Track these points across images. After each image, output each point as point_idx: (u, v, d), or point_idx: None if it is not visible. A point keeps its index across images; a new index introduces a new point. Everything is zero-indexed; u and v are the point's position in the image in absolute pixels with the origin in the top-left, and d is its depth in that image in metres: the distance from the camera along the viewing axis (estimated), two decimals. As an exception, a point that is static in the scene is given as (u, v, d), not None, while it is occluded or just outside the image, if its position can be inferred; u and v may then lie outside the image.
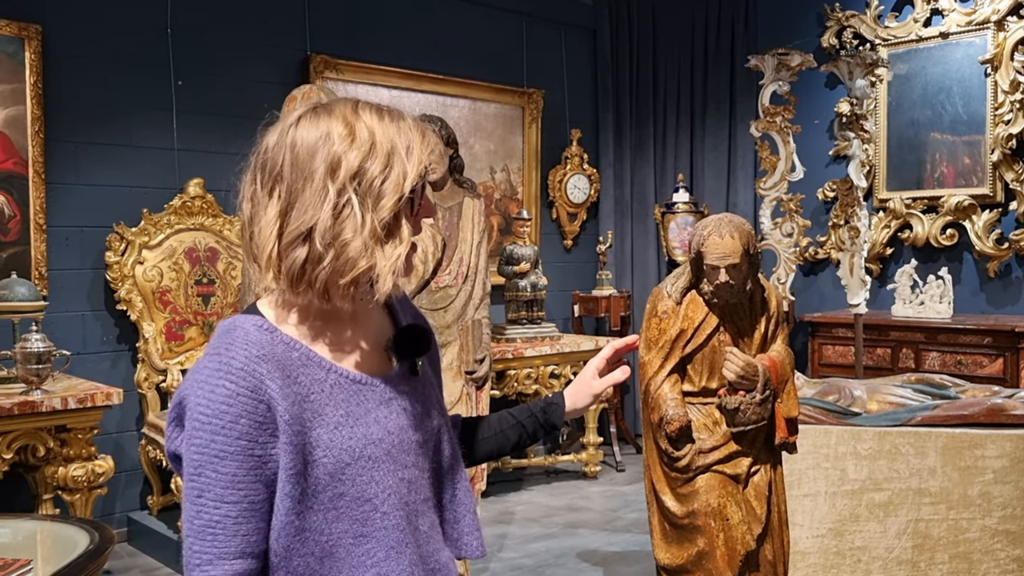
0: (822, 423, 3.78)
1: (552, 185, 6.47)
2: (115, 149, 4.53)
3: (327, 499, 1.20)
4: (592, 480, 5.64)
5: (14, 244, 4.23)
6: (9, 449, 3.57)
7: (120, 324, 4.53)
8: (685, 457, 1.69)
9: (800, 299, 6.02)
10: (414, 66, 5.62)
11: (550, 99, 6.37)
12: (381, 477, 1.23)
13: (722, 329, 1.72)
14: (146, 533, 4.39)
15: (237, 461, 1.16)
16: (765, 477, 1.76)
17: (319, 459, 1.19)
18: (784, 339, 1.87)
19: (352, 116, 1.22)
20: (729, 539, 1.69)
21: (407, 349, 1.31)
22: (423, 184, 1.26)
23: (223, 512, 1.16)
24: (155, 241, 4.55)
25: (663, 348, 1.69)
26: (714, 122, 6.42)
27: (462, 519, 1.39)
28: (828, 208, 5.89)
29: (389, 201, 1.20)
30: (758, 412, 1.68)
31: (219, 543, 1.16)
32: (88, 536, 2.12)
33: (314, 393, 1.21)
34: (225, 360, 1.17)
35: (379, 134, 1.21)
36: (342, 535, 1.21)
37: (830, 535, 3.74)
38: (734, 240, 1.69)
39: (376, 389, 1.27)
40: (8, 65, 4.20)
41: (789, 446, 1.76)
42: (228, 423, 1.15)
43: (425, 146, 1.24)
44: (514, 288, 5.58)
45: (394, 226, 1.22)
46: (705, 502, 1.68)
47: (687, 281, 1.72)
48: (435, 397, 1.38)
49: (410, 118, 1.26)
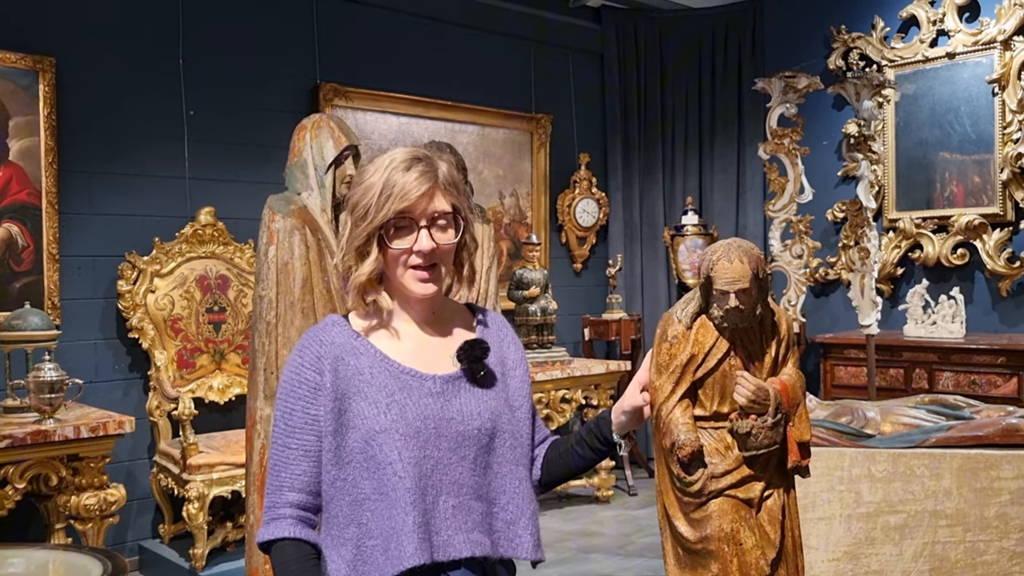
0: (836, 445, 3.76)
1: (561, 209, 6.49)
2: (128, 179, 4.57)
3: (362, 459, 1.49)
4: (605, 504, 5.61)
5: (28, 274, 4.26)
6: (22, 479, 3.58)
7: (132, 352, 4.55)
8: (698, 482, 1.69)
9: (811, 320, 6.00)
10: (423, 93, 5.66)
11: (558, 124, 6.41)
12: (404, 449, 1.48)
13: (733, 353, 1.72)
14: (158, 562, 4.38)
15: (297, 416, 1.53)
16: (778, 501, 1.75)
17: (357, 425, 1.50)
18: (795, 362, 1.86)
19: (381, 161, 1.56)
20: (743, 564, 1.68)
21: (466, 358, 1.57)
22: (412, 224, 1.53)
23: (285, 455, 1.53)
24: (167, 269, 4.58)
25: (674, 373, 1.69)
26: (722, 144, 6.44)
27: (517, 521, 1.55)
28: (838, 229, 5.88)
29: (362, 229, 1.54)
30: (770, 436, 1.68)
31: (282, 477, 1.53)
32: (101, 566, 2.13)
33: (363, 374, 1.53)
34: (303, 343, 1.58)
35: (379, 175, 1.53)
36: (371, 491, 1.48)
37: (846, 558, 3.70)
38: (743, 265, 1.69)
39: (424, 382, 1.55)
40: (22, 97, 4.25)
41: (802, 470, 1.75)
42: (294, 387, 1.54)
43: (408, 192, 1.51)
44: (524, 312, 5.59)
45: (365, 250, 1.55)
46: (718, 527, 1.68)
47: (697, 306, 1.73)
48: (497, 405, 1.59)
49: (420, 167, 1.53)
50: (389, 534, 1.46)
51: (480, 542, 1.51)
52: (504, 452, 1.57)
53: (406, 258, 1.55)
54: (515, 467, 1.58)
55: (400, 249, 1.54)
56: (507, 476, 1.57)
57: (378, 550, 1.47)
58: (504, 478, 1.56)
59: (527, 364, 1.71)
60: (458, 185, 1.60)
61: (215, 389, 4.62)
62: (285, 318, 2.81)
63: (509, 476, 1.57)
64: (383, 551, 1.46)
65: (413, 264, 1.55)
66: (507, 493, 1.56)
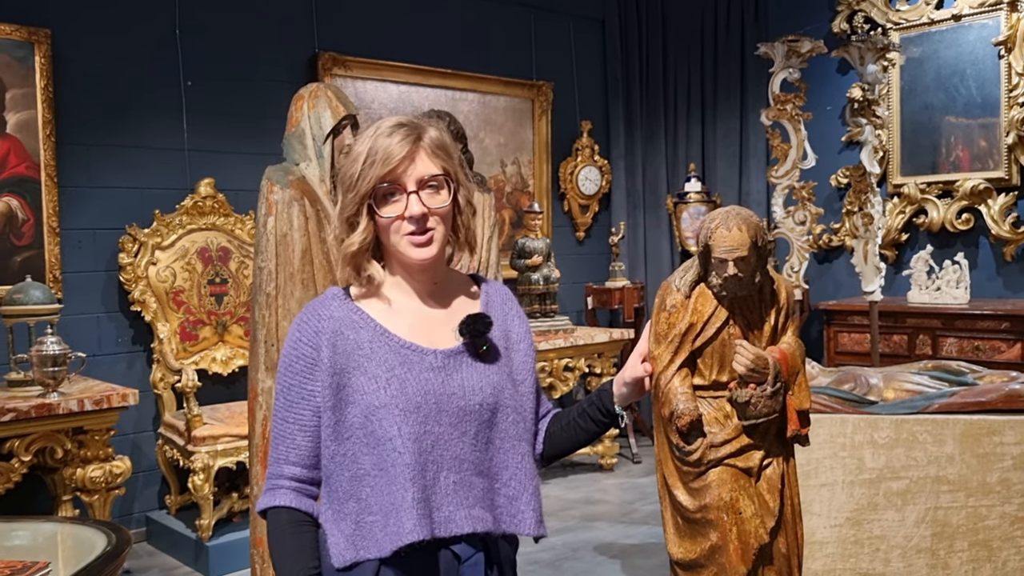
0: (838, 412, 3.76)
1: (563, 177, 6.45)
2: (126, 151, 4.55)
3: (362, 435, 1.48)
4: (609, 473, 5.63)
5: (28, 248, 4.26)
6: (27, 451, 3.60)
7: (135, 325, 4.55)
8: (697, 451, 1.68)
9: (815, 287, 5.98)
10: (422, 61, 5.61)
11: (560, 91, 6.35)
12: (404, 424, 1.46)
13: (732, 322, 1.70)
14: (164, 533, 4.42)
15: (295, 391, 1.53)
16: (778, 470, 1.74)
17: (357, 400, 1.49)
18: (795, 331, 1.84)
19: (373, 128, 1.53)
20: (742, 533, 1.68)
21: (468, 332, 1.54)
22: (399, 189, 1.50)
23: (284, 428, 1.54)
24: (167, 242, 4.57)
25: (672, 342, 1.67)
26: (725, 111, 6.38)
27: (519, 497, 1.54)
28: (842, 195, 5.85)
29: (350, 199, 1.52)
30: (769, 405, 1.67)
31: (280, 450, 1.55)
32: (106, 537, 2.13)
33: (362, 349, 1.51)
34: (302, 317, 1.56)
35: (366, 143, 1.51)
36: (371, 466, 1.47)
37: (848, 524, 3.72)
38: (742, 233, 1.67)
39: (425, 357, 1.52)
40: (18, 69, 4.22)
41: (801, 438, 1.74)
42: (292, 362, 1.54)
43: (392, 157, 1.48)
44: (526, 281, 5.58)
45: (355, 220, 1.53)
46: (717, 496, 1.67)
47: (696, 274, 1.71)
48: (500, 379, 1.56)
49: (403, 131, 1.51)
50: (388, 510, 1.46)
51: (482, 518, 1.50)
52: (506, 427, 1.56)
53: (398, 225, 1.51)
54: (517, 442, 1.57)
55: (390, 217, 1.51)
56: (509, 452, 1.55)
57: (377, 526, 1.47)
58: (506, 453, 1.55)
59: (532, 337, 1.69)
60: (447, 149, 1.56)
61: (218, 361, 4.63)
62: (285, 289, 2.80)
63: (511, 452, 1.56)
64: (382, 527, 1.46)
65: (407, 231, 1.51)
66: (509, 469, 1.55)
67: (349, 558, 1.48)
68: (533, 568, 4.01)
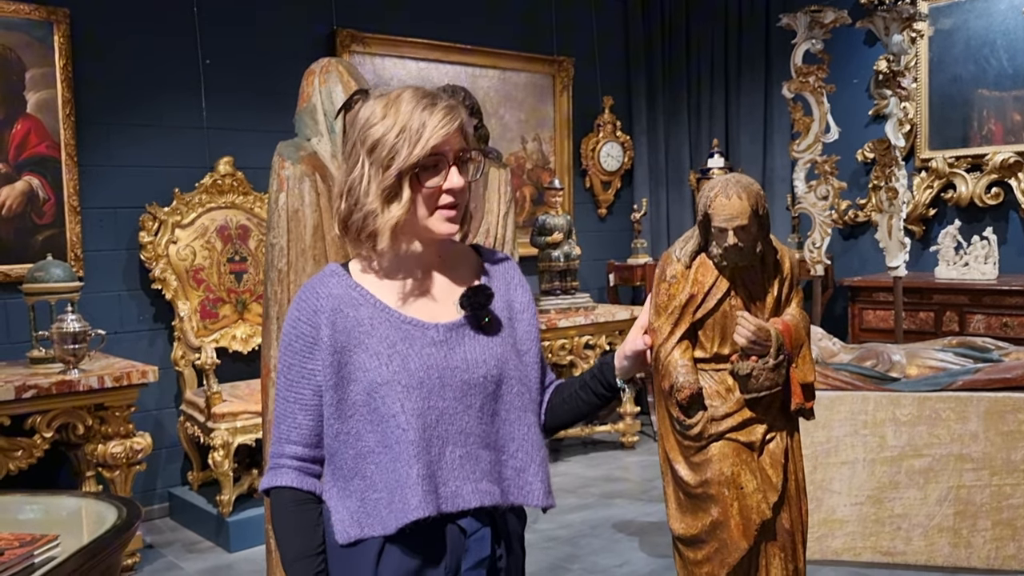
0: (860, 389, 3.71)
1: (585, 154, 6.40)
2: (145, 129, 4.56)
3: (365, 412, 1.47)
4: (629, 450, 5.61)
5: (50, 227, 4.29)
6: (49, 428, 3.65)
7: (156, 303, 4.58)
8: (697, 425, 1.64)
9: (840, 263, 5.90)
10: (441, 37, 5.57)
11: (581, 66, 6.28)
12: (407, 400, 1.45)
13: (733, 293, 1.66)
14: (187, 508, 4.46)
15: (295, 370, 1.52)
16: (781, 444, 1.70)
17: (359, 378, 1.47)
18: (799, 302, 1.79)
19: (393, 99, 1.48)
20: (744, 508, 1.65)
21: (469, 305, 1.53)
22: (443, 161, 1.47)
23: (285, 407, 1.53)
24: (187, 220, 4.59)
25: (673, 314, 1.64)
26: (749, 84, 6.28)
27: (527, 468, 1.52)
28: (868, 170, 5.75)
29: (393, 169, 1.45)
30: (771, 378, 1.63)
31: (282, 429, 1.54)
32: (116, 511, 2.15)
33: (363, 326, 1.49)
34: (300, 295, 1.55)
35: (401, 114, 1.46)
36: (375, 444, 1.46)
37: (869, 502, 3.67)
38: (742, 201, 1.62)
39: (427, 331, 1.51)
40: (38, 49, 4.23)
41: (805, 412, 1.70)
42: (292, 341, 1.52)
43: (439, 127, 1.45)
44: (547, 259, 5.55)
45: (396, 191, 1.46)
46: (719, 470, 1.64)
47: (696, 244, 1.67)
48: (503, 351, 1.55)
49: (443, 104, 1.49)
50: (393, 487, 1.45)
51: (489, 491, 1.49)
52: (511, 399, 1.54)
53: (435, 198, 1.49)
54: (523, 413, 1.55)
55: (432, 188, 1.48)
56: (515, 423, 1.54)
57: (382, 503, 1.46)
58: (512, 425, 1.54)
59: (535, 307, 1.67)
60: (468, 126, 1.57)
61: (238, 339, 4.65)
62: (297, 265, 2.80)
63: (517, 423, 1.54)
64: (387, 504, 1.45)
65: (444, 203, 1.49)
66: (516, 440, 1.54)
67: (353, 535, 1.48)
68: (551, 545, 4.01)
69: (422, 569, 1.47)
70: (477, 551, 1.50)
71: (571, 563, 3.81)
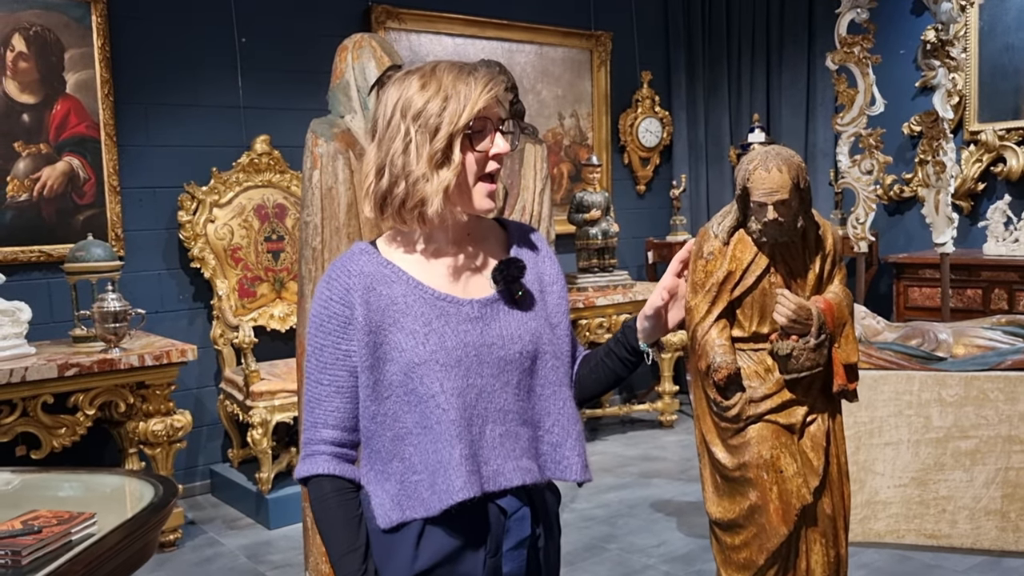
0: (904, 368, 3.62)
1: (623, 129, 6.31)
2: (183, 109, 4.58)
3: (402, 392, 1.44)
4: (668, 429, 5.57)
5: (90, 207, 4.33)
6: (91, 406, 3.70)
7: (195, 282, 4.62)
8: (735, 407, 1.59)
9: (885, 239, 5.77)
10: (477, 12, 5.51)
11: (619, 41, 6.18)
12: (446, 379, 1.42)
13: (773, 270, 1.60)
14: (228, 485, 4.51)
15: (328, 352, 1.47)
16: (822, 427, 1.65)
17: (395, 358, 1.44)
18: (842, 279, 1.73)
19: (429, 71, 1.45)
20: (783, 492, 1.59)
21: (503, 279, 1.49)
22: (489, 126, 1.45)
23: (318, 391, 1.48)
24: (225, 199, 4.61)
25: (710, 292, 1.58)
26: (791, 57, 6.14)
27: (563, 443, 1.50)
28: (915, 143, 5.60)
29: (444, 133, 1.41)
30: (812, 358, 1.57)
31: (316, 414, 1.49)
32: (153, 489, 2.16)
33: (397, 304, 1.46)
34: (329, 274, 1.50)
35: (444, 82, 1.43)
36: (413, 425, 1.43)
37: (913, 484, 3.60)
38: (782, 174, 1.55)
39: (462, 308, 1.48)
40: (76, 30, 4.26)
41: (848, 394, 1.64)
42: (324, 322, 1.47)
43: (484, 91, 1.43)
44: (585, 236, 5.49)
45: (447, 154, 1.42)
46: (757, 454, 1.59)
47: (734, 219, 1.61)
48: (537, 325, 1.52)
49: (484, 70, 1.46)
50: (435, 468, 1.42)
51: (529, 468, 1.47)
52: (546, 373, 1.52)
53: (483, 163, 1.46)
54: (558, 388, 1.53)
55: (481, 152, 1.46)
56: (551, 397, 1.52)
57: (423, 485, 1.43)
58: (548, 400, 1.51)
59: (564, 278, 1.64)
60: None
61: (276, 317, 4.67)
62: (331, 244, 2.79)
63: (553, 397, 1.52)
64: (429, 486, 1.42)
65: (489, 170, 1.47)
66: (552, 415, 1.51)
67: (395, 519, 1.45)
68: (588, 524, 3.99)
69: (463, 550, 1.45)
70: (518, 531, 1.48)
71: (608, 543, 3.79)
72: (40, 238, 4.21)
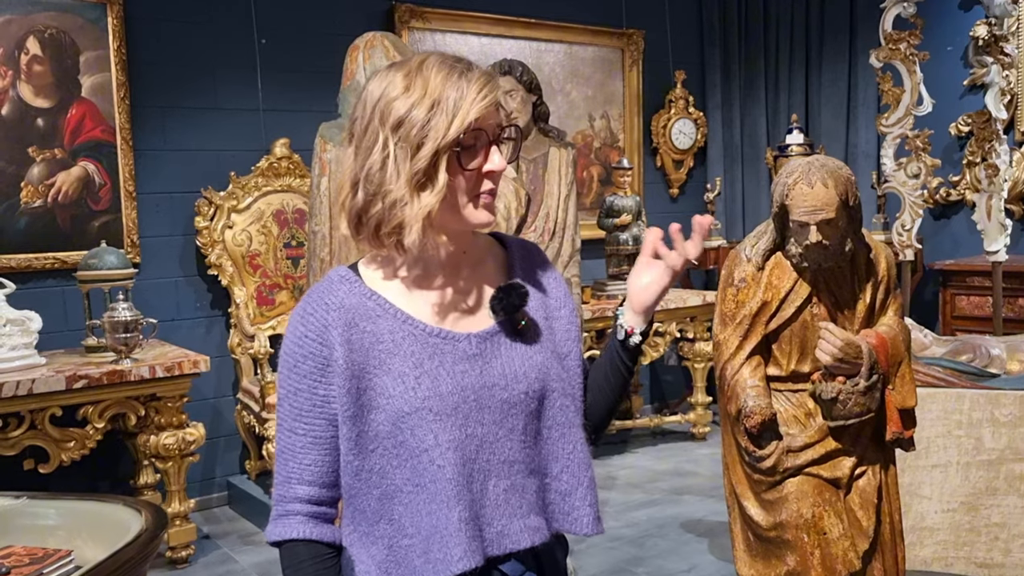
0: (954, 386, 3.39)
1: (655, 131, 6.11)
2: (201, 112, 4.47)
3: (390, 445, 1.25)
4: (701, 442, 5.36)
5: (106, 212, 4.23)
6: (101, 418, 3.59)
7: (213, 289, 4.51)
8: (770, 457, 1.39)
9: (930, 245, 5.52)
10: (504, 11, 5.35)
11: (651, 39, 5.98)
12: (442, 431, 1.24)
13: (815, 300, 1.39)
14: (245, 498, 4.39)
15: (303, 397, 1.28)
16: (873, 481, 1.44)
17: (382, 405, 1.25)
18: (897, 310, 1.51)
19: (415, 68, 1.26)
20: (827, 557, 1.38)
21: (502, 308, 1.31)
22: (484, 139, 1.25)
23: (292, 441, 1.29)
24: (243, 204, 4.49)
25: (741, 324, 1.38)
26: (832, 54, 5.91)
27: (573, 492, 1.33)
28: (963, 144, 5.35)
29: (427, 149, 1.22)
30: (862, 403, 1.36)
31: (290, 467, 1.30)
32: (141, 520, 2.02)
33: (383, 343, 1.27)
34: (303, 306, 1.30)
35: (431, 85, 1.24)
36: (403, 482, 1.25)
37: (962, 509, 3.37)
38: (828, 189, 1.33)
39: (458, 344, 1.29)
40: (91, 32, 4.16)
41: (904, 442, 1.43)
42: (297, 362, 1.28)
43: (478, 98, 1.23)
44: (615, 241, 5.31)
45: (431, 175, 1.22)
46: (796, 512, 1.38)
47: (770, 241, 1.40)
48: (544, 359, 1.34)
49: (478, 71, 1.26)
50: (429, 533, 1.24)
51: (538, 527, 1.30)
52: (555, 414, 1.33)
53: (475, 182, 1.26)
54: (568, 429, 1.34)
55: (474, 170, 1.26)
56: (559, 440, 1.33)
57: (416, 551, 1.24)
58: (556, 443, 1.33)
59: (572, 300, 1.43)
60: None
61: (295, 326, 4.54)
62: (340, 255, 2.64)
63: (562, 440, 1.33)
64: (422, 553, 1.24)
65: (484, 189, 1.27)
66: (560, 460, 1.33)
67: None
68: (615, 545, 3.81)
69: None
70: None
71: (635, 566, 3.61)
72: (55, 245, 4.11)
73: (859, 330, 1.44)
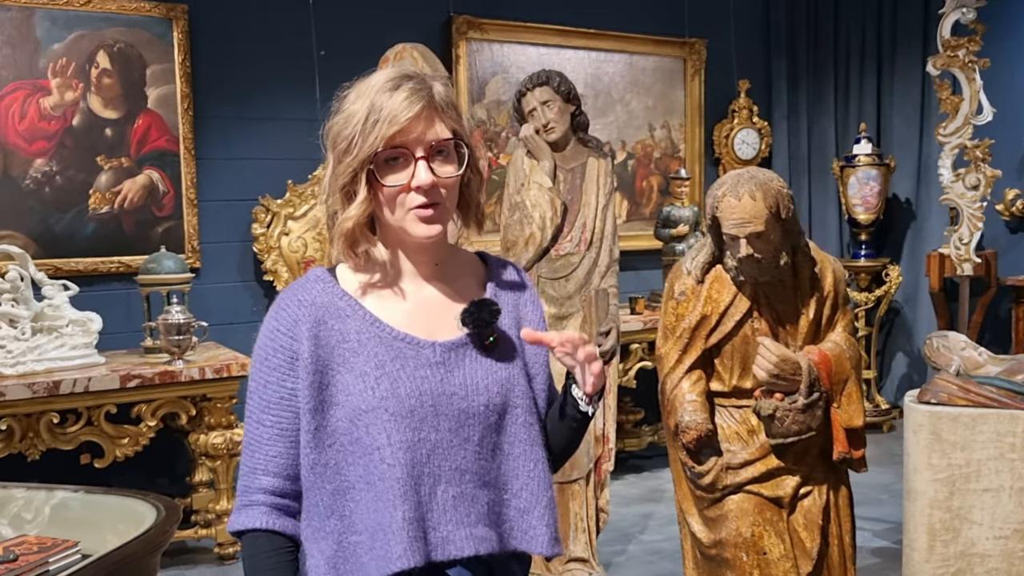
0: (1008, 407, 3.24)
1: (717, 141, 6.03)
2: (261, 123, 4.61)
3: (346, 441, 1.29)
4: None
5: (169, 219, 4.41)
6: (154, 416, 3.73)
7: (269, 295, 4.63)
8: (709, 473, 1.36)
9: (1006, 259, 5.28)
10: (564, 21, 5.36)
11: (715, 48, 5.91)
12: (395, 431, 1.27)
13: (756, 314, 1.36)
14: (295, 498, 4.49)
15: (271, 390, 1.33)
16: (819, 501, 1.38)
17: (341, 402, 1.29)
18: (846, 326, 1.45)
19: (364, 84, 1.34)
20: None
21: (472, 322, 1.33)
22: (407, 155, 1.28)
23: (259, 432, 1.34)
24: (299, 212, 4.61)
25: (681, 338, 1.36)
26: (904, 61, 5.74)
27: (531, 510, 1.35)
28: (1041, 155, 5.11)
29: (346, 163, 1.29)
30: (800, 420, 1.32)
31: (256, 458, 1.35)
32: (155, 512, 2.10)
33: (349, 341, 1.31)
34: (278, 303, 1.37)
35: (360, 102, 1.31)
36: (356, 479, 1.29)
37: (1016, 537, 3.21)
38: (755, 202, 1.29)
39: (422, 350, 1.32)
40: (158, 46, 4.34)
41: (853, 462, 1.38)
42: (268, 356, 1.33)
43: (398, 111, 1.26)
44: (671, 252, 5.24)
45: (352, 189, 1.29)
46: (735, 530, 1.34)
47: (709, 255, 1.38)
48: (509, 375, 1.36)
49: (409, 86, 1.29)
50: (375, 530, 1.27)
51: (486, 537, 1.31)
52: (516, 430, 1.35)
53: (404, 197, 1.30)
54: (530, 447, 1.36)
55: (395, 186, 1.30)
56: (520, 458, 1.35)
57: (363, 547, 1.28)
58: (516, 460, 1.35)
59: (546, 325, 1.47)
60: (457, 107, 1.36)
61: (347, 331, 4.64)
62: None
63: (522, 458, 1.35)
64: (368, 549, 1.27)
65: (414, 204, 1.30)
66: (520, 478, 1.35)
67: None
68: (653, 559, 3.76)
69: None
70: None
71: (672, 582, 3.56)
72: (120, 249, 4.30)
73: (802, 346, 1.40)
